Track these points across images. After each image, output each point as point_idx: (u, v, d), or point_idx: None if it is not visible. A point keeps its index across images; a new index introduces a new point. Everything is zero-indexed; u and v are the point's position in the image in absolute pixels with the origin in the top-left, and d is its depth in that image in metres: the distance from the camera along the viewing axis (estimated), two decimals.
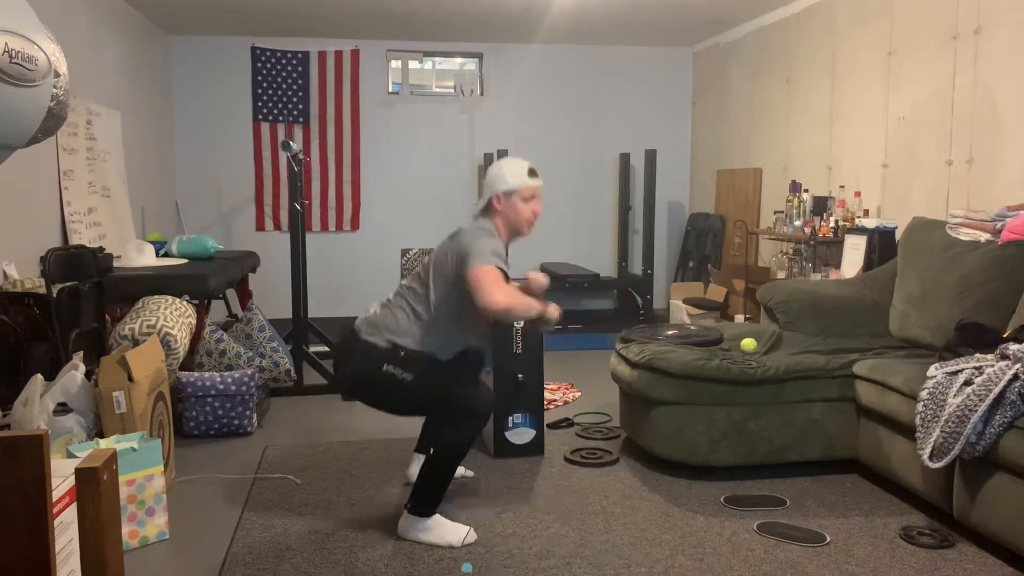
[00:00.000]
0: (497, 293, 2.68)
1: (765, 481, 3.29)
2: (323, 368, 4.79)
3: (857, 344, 3.57)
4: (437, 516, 2.80)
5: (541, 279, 3.07)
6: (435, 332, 2.86)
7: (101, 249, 3.84)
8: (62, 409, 2.97)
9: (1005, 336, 2.93)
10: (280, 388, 4.58)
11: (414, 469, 3.21)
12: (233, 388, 3.89)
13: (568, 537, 2.80)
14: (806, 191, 5.31)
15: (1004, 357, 2.68)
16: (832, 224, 4.82)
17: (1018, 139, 3.83)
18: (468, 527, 2.80)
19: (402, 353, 2.80)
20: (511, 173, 2.93)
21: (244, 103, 7.13)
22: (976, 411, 2.55)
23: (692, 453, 3.31)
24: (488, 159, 6.97)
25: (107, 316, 3.82)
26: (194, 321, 3.99)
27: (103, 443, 2.73)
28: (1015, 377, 2.56)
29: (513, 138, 7.27)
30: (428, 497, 2.78)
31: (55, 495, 1.65)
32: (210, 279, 4.21)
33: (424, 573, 2.55)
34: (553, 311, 2.84)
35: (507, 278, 2.79)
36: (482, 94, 7.47)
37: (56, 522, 1.62)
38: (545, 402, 4.04)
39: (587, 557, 2.65)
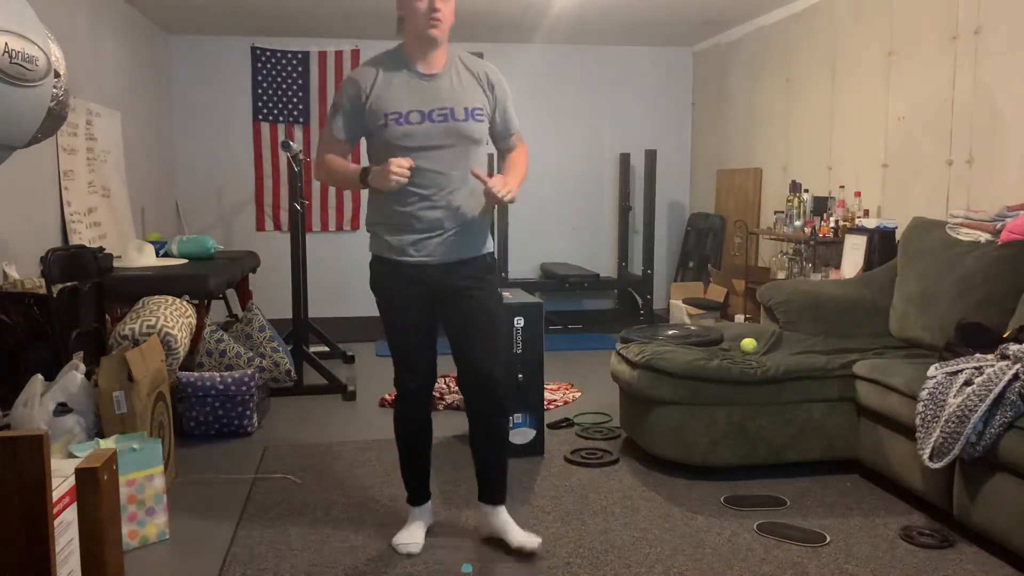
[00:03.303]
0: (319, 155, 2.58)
1: (765, 481, 3.29)
2: (323, 368, 4.79)
3: (857, 344, 3.56)
4: (412, 510, 2.80)
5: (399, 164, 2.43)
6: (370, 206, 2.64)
7: (101, 249, 3.83)
8: (62, 409, 2.97)
9: (1005, 336, 2.93)
10: (280, 388, 4.58)
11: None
12: (233, 388, 3.89)
13: (568, 537, 2.80)
14: (806, 191, 5.31)
15: (1004, 357, 2.68)
16: (832, 224, 4.82)
17: (1018, 139, 3.83)
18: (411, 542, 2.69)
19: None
20: None
21: (244, 103, 7.13)
22: (976, 411, 2.55)
23: (692, 453, 3.31)
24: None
25: (107, 316, 3.82)
26: (194, 321, 3.99)
27: (103, 443, 2.73)
28: (1015, 377, 2.56)
29: None
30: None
31: (55, 495, 1.65)
32: (210, 279, 4.21)
33: (424, 573, 2.55)
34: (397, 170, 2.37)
35: (346, 132, 2.53)
36: None
37: (56, 522, 1.62)
38: (545, 402, 4.03)
39: (587, 557, 2.65)
